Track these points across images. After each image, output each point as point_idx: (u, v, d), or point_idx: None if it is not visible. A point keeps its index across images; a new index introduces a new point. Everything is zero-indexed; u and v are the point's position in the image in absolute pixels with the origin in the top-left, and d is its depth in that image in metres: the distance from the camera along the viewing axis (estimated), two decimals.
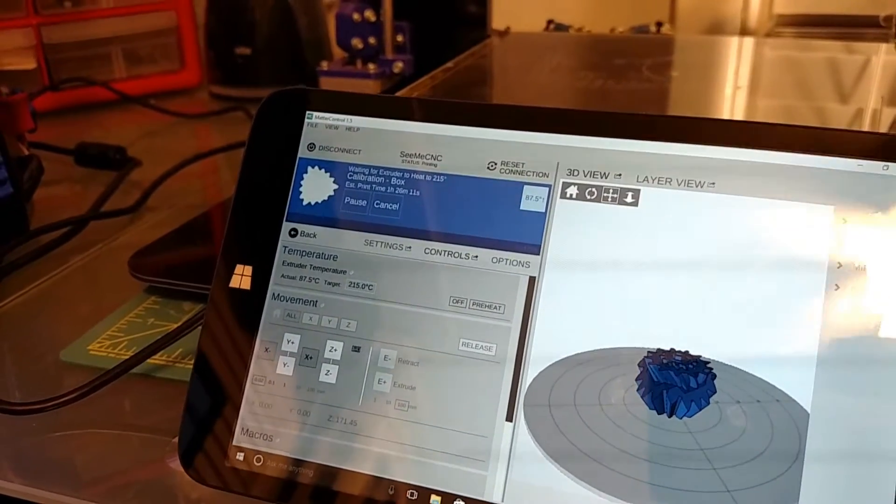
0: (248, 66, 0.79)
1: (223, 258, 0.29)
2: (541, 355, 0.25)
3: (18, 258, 0.47)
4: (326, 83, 0.57)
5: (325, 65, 0.57)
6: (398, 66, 0.57)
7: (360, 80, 0.56)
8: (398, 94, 0.44)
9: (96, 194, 0.56)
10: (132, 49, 0.81)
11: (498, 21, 0.61)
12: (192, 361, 0.36)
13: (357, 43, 0.57)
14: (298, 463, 0.27)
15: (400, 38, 0.58)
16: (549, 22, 0.56)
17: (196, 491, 0.29)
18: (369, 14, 0.56)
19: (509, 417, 0.25)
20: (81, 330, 0.40)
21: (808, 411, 0.23)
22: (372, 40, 0.57)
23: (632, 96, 0.40)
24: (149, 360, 0.35)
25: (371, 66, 0.56)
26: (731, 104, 0.47)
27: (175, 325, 0.36)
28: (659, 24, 0.54)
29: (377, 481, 0.26)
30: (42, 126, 0.60)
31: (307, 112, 0.30)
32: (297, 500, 0.26)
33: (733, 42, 0.60)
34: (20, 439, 0.33)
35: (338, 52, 0.86)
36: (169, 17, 0.81)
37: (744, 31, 0.72)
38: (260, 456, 0.27)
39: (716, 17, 0.71)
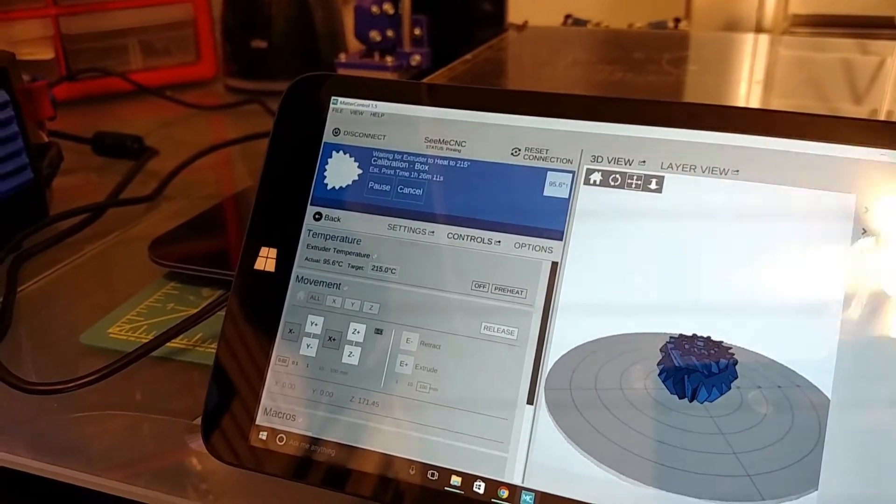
0: (263, 59, 0.79)
1: (248, 240, 0.29)
2: (562, 340, 0.26)
3: (37, 244, 0.47)
4: (343, 74, 0.57)
5: (342, 57, 0.57)
6: (416, 59, 0.57)
7: (378, 72, 0.56)
8: None
9: (113, 183, 0.57)
10: (148, 41, 0.81)
11: (515, 16, 0.61)
12: (212, 345, 0.37)
13: (375, 35, 0.57)
14: (320, 442, 0.27)
15: (417, 31, 0.58)
16: (567, 16, 0.56)
17: (216, 471, 0.30)
18: (388, 7, 0.57)
19: (530, 400, 0.26)
20: (100, 314, 0.40)
21: (829, 397, 0.23)
22: (390, 33, 0.57)
23: (652, 88, 0.41)
24: (169, 344, 0.36)
25: (389, 59, 0.56)
26: (747, 101, 0.47)
27: (194, 310, 0.37)
28: (677, 21, 0.54)
29: (398, 461, 0.26)
30: (59, 115, 0.60)
31: (332, 97, 0.30)
32: (317, 479, 0.27)
33: (751, 39, 0.60)
34: (40, 419, 0.34)
35: (352, 46, 0.86)
36: (185, 9, 0.81)
37: (759, 31, 0.72)
38: (282, 435, 0.27)
39: (731, 15, 0.71)
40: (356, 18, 0.57)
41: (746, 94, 0.48)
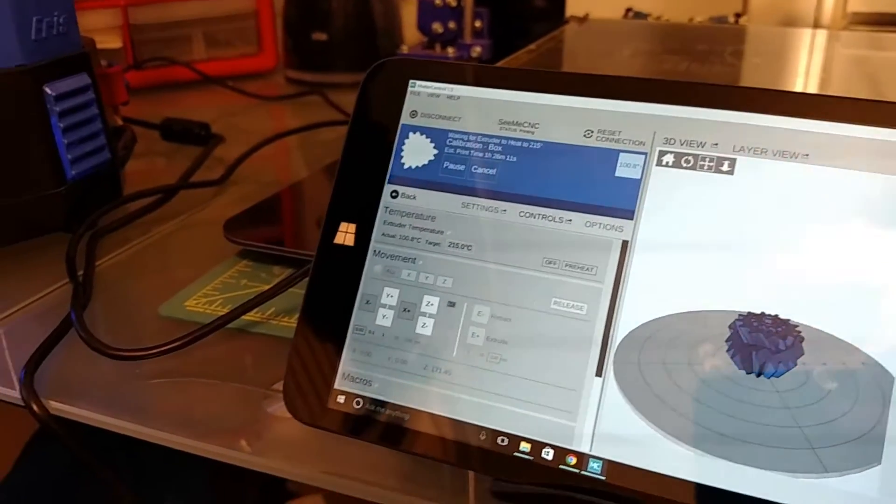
0: (323, 51, 0.81)
1: (329, 216, 0.31)
2: (631, 315, 0.27)
3: (112, 221, 0.49)
4: None
5: (404, 48, 0.59)
6: (476, 51, 0.58)
7: None
8: None
9: (180, 167, 0.59)
10: (212, 32, 0.84)
11: (574, 9, 0.62)
12: (285, 319, 0.38)
13: (437, 27, 0.58)
14: (394, 407, 0.28)
15: (478, 23, 0.59)
16: (628, 10, 0.57)
17: (292, 433, 0.31)
18: (451, 0, 0.58)
19: (598, 373, 0.27)
20: (175, 289, 0.42)
21: (894, 375, 0.24)
22: (451, 25, 0.58)
23: (717, 78, 0.41)
24: (244, 317, 0.37)
25: (450, 50, 0.58)
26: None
27: (266, 286, 0.38)
28: (737, 15, 0.54)
29: (469, 427, 0.27)
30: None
31: (410, 80, 0.31)
32: (392, 441, 0.28)
33: (812, 35, 0.60)
34: (124, 383, 0.35)
35: (409, 39, 0.88)
36: (248, 1, 0.84)
37: (817, 28, 0.72)
38: (359, 399, 0.29)
39: (789, 12, 0.71)
40: (419, 10, 0.58)
41: (807, 86, 0.48)
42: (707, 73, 0.42)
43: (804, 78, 0.49)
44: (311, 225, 0.48)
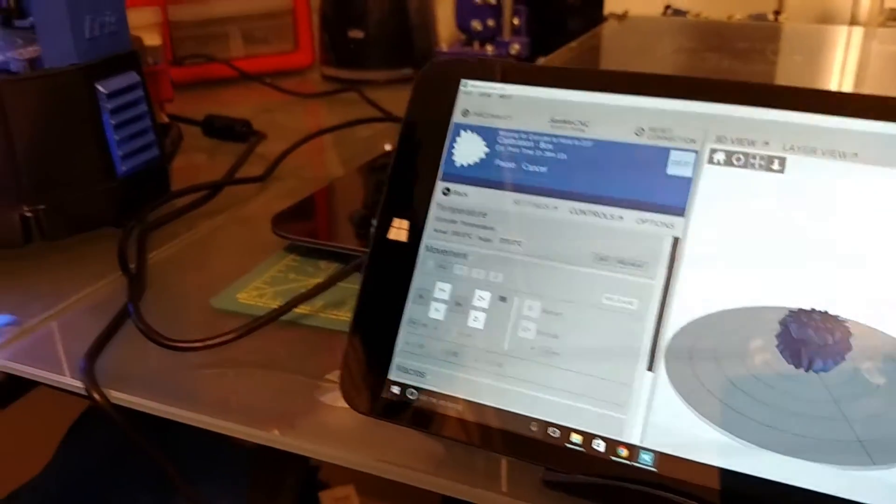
0: (359, 49, 0.82)
1: (382, 212, 0.32)
2: (682, 311, 0.27)
3: (161, 216, 0.51)
4: None
5: (443, 46, 0.60)
6: (515, 48, 0.59)
7: None
8: None
9: (222, 163, 0.60)
10: (249, 29, 0.85)
11: (612, 6, 0.62)
12: (334, 312, 0.39)
13: (476, 25, 0.59)
14: (447, 398, 0.29)
15: (516, 21, 0.60)
16: (667, 7, 0.57)
17: (346, 422, 0.32)
18: None
19: (650, 367, 0.27)
20: (225, 282, 0.43)
21: None
22: (490, 23, 0.59)
23: (760, 76, 0.42)
24: (294, 310, 0.38)
25: (489, 48, 0.58)
26: (855, 90, 0.47)
27: (314, 280, 0.39)
28: (776, 13, 0.55)
29: (520, 418, 0.28)
30: None
31: (462, 80, 0.32)
32: (444, 431, 0.29)
33: (852, 32, 0.60)
34: (178, 372, 0.37)
35: (443, 37, 0.88)
36: None
37: (853, 24, 0.72)
38: (412, 390, 0.29)
39: (825, 9, 0.71)
40: (458, 8, 0.59)
41: (845, 84, 0.49)
42: (749, 70, 0.42)
43: (843, 76, 0.50)
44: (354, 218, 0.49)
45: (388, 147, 0.57)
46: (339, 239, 0.45)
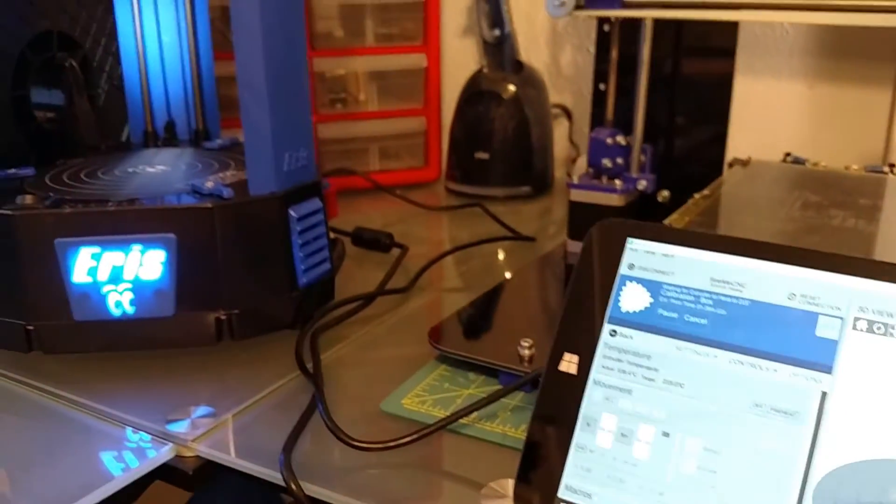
0: (484, 168, 0.90)
1: (555, 346, 0.37)
2: (828, 459, 0.31)
3: (325, 322, 0.57)
4: (575, 194, 0.65)
5: (575, 178, 0.66)
6: (642, 185, 0.64)
7: (607, 193, 0.64)
8: (667, 220, 0.51)
9: (369, 272, 0.67)
10: (385, 147, 0.94)
11: (734, 151, 0.68)
12: (488, 423, 0.44)
13: (607, 163, 0.65)
14: None
15: (642, 158, 0.65)
16: (787, 154, 0.62)
17: None
18: (620, 139, 0.65)
19: None
20: (382, 384, 0.49)
21: None
22: (619, 160, 0.65)
23: (885, 239, 0.46)
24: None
25: (617, 183, 0.64)
26: None
27: (466, 391, 0.44)
28: (892, 166, 0.59)
29: None
30: None
31: (628, 238, 0.37)
32: None
33: None
34: (359, 470, 0.42)
35: (558, 158, 0.95)
36: (420, 121, 0.94)
37: None
38: None
39: None
40: (591, 148, 0.65)
41: None
42: (874, 231, 0.46)
43: None
44: (498, 335, 0.55)
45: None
46: (486, 354, 0.51)
